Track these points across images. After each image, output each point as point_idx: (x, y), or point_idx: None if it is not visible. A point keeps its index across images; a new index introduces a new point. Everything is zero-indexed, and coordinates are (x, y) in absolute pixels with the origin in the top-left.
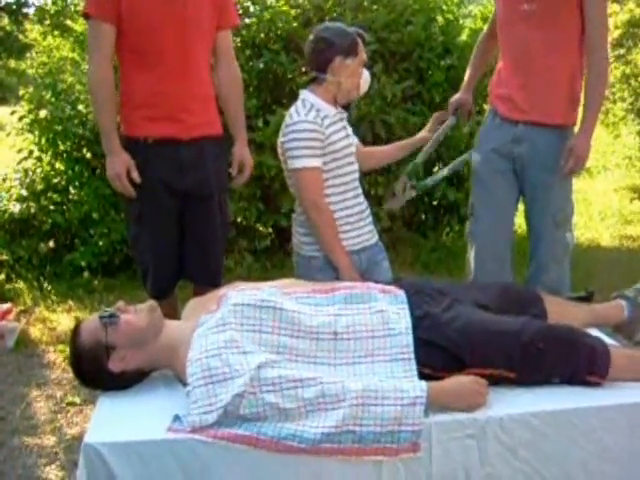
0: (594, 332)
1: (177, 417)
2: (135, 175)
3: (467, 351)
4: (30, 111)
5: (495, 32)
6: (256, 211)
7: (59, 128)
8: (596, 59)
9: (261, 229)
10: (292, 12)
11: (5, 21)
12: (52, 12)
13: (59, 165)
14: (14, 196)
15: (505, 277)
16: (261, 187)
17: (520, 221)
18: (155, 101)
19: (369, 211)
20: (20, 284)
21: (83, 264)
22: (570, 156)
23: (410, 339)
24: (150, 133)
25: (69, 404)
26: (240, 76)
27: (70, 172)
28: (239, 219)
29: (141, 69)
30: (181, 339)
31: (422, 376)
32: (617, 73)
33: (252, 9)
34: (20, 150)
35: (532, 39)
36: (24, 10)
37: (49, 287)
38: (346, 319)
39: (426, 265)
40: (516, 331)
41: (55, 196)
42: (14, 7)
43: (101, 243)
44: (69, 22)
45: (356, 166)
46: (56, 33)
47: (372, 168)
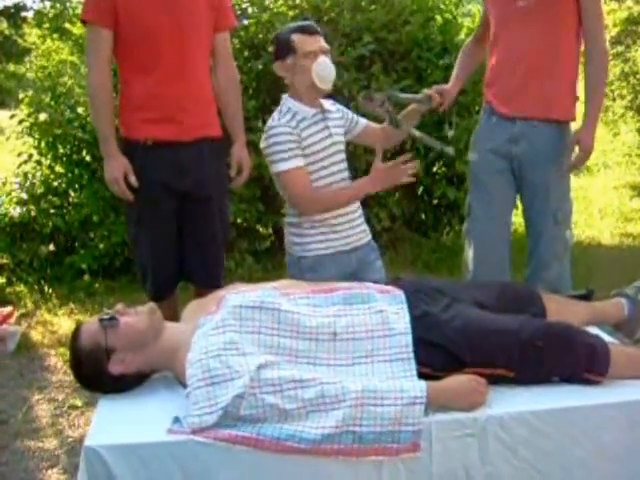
0: (594, 330)
1: (177, 419)
2: (133, 179)
3: (466, 350)
4: (29, 114)
5: (482, 36)
6: (256, 212)
7: (58, 131)
8: (596, 52)
9: (261, 230)
10: (290, 13)
11: (4, 25)
12: (51, 16)
13: (59, 168)
14: (14, 200)
15: (503, 276)
16: (261, 188)
17: (519, 220)
18: (154, 103)
19: (361, 211)
20: (21, 287)
21: (83, 267)
22: (574, 150)
23: (409, 339)
24: (149, 135)
25: (70, 407)
26: (238, 77)
27: (70, 175)
28: (239, 220)
29: (139, 72)
30: (181, 341)
31: (421, 376)
32: (616, 71)
33: (250, 10)
34: (20, 154)
35: (529, 35)
36: (23, 14)
37: (50, 290)
38: (345, 319)
39: (426, 264)
40: (515, 330)
41: (55, 199)
42: (12, 11)
43: (101, 246)
44: (68, 25)
45: (344, 165)
46: (55, 36)
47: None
